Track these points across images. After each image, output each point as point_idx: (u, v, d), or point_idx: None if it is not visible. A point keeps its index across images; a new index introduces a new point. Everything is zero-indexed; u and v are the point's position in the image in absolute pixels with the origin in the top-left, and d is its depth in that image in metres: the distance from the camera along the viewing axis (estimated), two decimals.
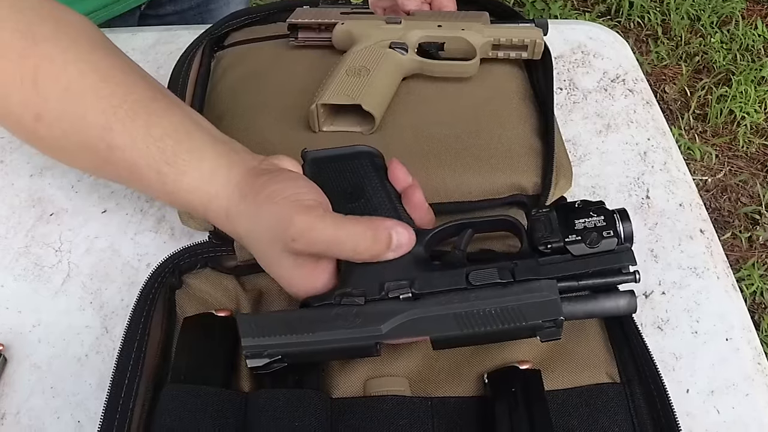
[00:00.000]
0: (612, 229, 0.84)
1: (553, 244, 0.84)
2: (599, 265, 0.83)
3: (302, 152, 0.94)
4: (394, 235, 0.83)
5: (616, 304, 0.83)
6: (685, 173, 1.15)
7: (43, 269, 1.02)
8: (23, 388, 0.91)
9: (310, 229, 0.80)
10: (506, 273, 0.82)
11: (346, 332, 0.80)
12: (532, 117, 1.12)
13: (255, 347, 0.80)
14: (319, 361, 0.87)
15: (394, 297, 0.82)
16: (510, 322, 0.79)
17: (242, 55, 1.24)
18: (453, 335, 0.80)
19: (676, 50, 3.57)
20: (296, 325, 0.80)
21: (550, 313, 0.79)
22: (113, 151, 0.90)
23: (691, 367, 0.93)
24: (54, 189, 1.12)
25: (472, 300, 0.80)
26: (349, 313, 0.81)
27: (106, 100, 0.90)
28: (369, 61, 1.12)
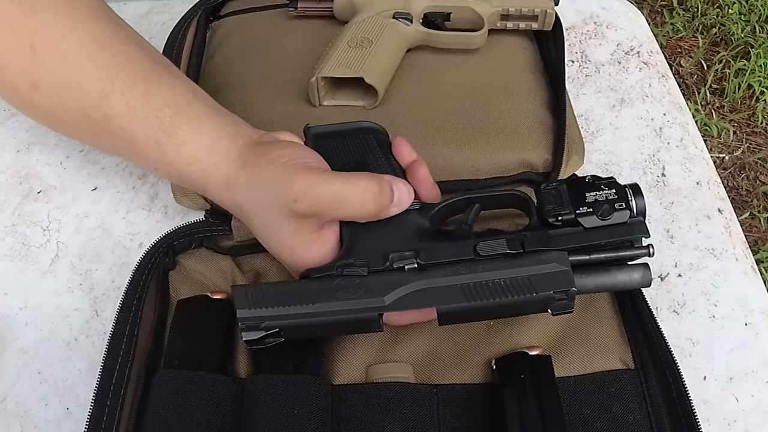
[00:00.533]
0: (624, 202, 0.84)
1: (564, 217, 0.84)
2: (611, 236, 0.83)
3: (305, 128, 0.94)
4: (395, 189, 0.83)
5: (629, 277, 0.83)
6: (703, 150, 1.14)
7: (31, 249, 1.02)
8: (9, 373, 0.91)
9: (313, 185, 0.80)
10: (515, 244, 0.82)
11: (348, 303, 0.78)
12: (542, 91, 1.11)
13: (251, 319, 0.78)
14: (318, 336, 0.87)
15: (399, 268, 0.80)
16: (520, 293, 0.78)
17: (239, 25, 1.24)
18: (460, 307, 0.78)
19: (692, 22, 3.55)
20: (295, 296, 0.79)
21: (562, 284, 0.78)
22: (111, 120, 0.91)
23: (708, 352, 0.93)
24: (42, 165, 1.11)
25: (480, 271, 0.79)
26: (351, 284, 0.79)
27: (104, 69, 0.91)
28: (372, 32, 1.11)
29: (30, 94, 0.94)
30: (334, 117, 1.01)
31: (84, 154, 1.12)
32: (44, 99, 0.94)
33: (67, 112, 0.94)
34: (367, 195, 0.81)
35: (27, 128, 1.15)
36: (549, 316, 0.88)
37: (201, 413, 0.80)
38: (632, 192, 0.85)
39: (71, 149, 1.12)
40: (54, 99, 0.94)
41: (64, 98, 0.93)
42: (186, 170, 0.90)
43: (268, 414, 0.79)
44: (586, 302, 0.92)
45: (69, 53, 0.92)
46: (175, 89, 0.93)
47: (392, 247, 0.82)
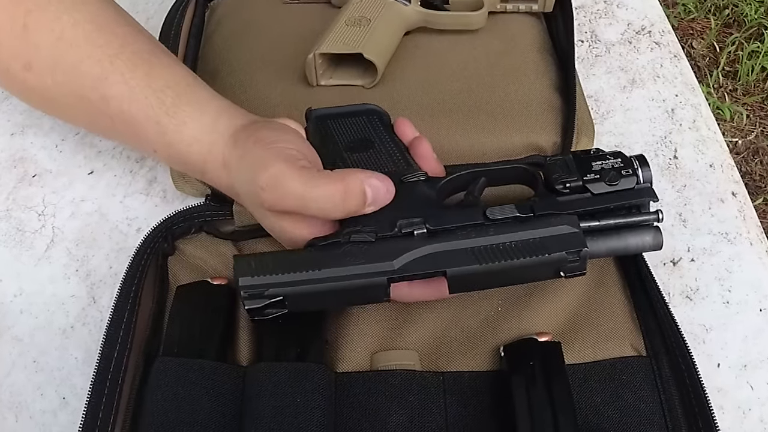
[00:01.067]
0: (630, 169, 0.86)
1: (572, 183, 0.85)
2: (619, 200, 0.85)
3: (306, 111, 0.95)
4: (368, 189, 0.81)
5: (641, 240, 0.85)
6: (716, 132, 1.14)
7: (25, 234, 1.02)
8: (4, 362, 0.91)
9: (280, 178, 0.80)
10: (525, 209, 0.83)
11: (356, 269, 0.77)
12: (550, 71, 1.11)
13: (254, 287, 0.77)
14: (323, 307, 0.87)
15: (408, 233, 0.80)
16: (532, 254, 0.78)
17: (237, 6, 1.24)
18: (471, 269, 0.77)
19: (705, 3, 3.55)
20: (300, 263, 0.78)
21: (574, 245, 0.78)
22: (108, 102, 0.91)
23: (722, 339, 0.93)
24: (36, 149, 1.11)
25: (491, 234, 0.79)
26: (359, 250, 0.79)
27: (102, 49, 0.92)
28: (370, 11, 1.11)
29: (23, 75, 0.94)
30: (335, 98, 1.01)
31: (80, 138, 1.12)
32: (38, 80, 0.94)
33: (61, 94, 0.95)
34: (327, 204, 0.80)
35: (21, 111, 1.15)
36: (559, 301, 0.89)
37: (200, 402, 0.80)
38: (638, 162, 0.87)
39: (67, 132, 1.12)
40: (48, 80, 0.94)
41: (59, 79, 0.93)
42: (186, 151, 0.90)
43: (270, 402, 0.79)
44: (597, 288, 0.92)
45: (64, 33, 0.92)
46: (176, 71, 0.93)
47: (400, 214, 0.82)
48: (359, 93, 1.07)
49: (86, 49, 0.92)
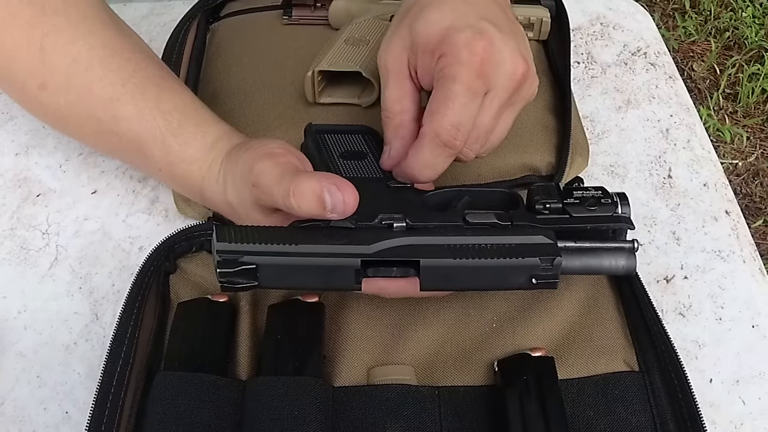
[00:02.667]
0: (610, 199, 0.87)
1: (552, 205, 0.86)
2: (596, 222, 0.86)
3: (306, 126, 0.97)
4: (327, 196, 0.78)
5: (615, 261, 0.85)
6: (710, 151, 1.15)
7: (30, 252, 1.03)
8: (8, 377, 0.92)
9: (263, 172, 0.81)
10: (504, 218, 0.84)
11: (331, 248, 0.77)
12: (545, 92, 1.13)
13: (229, 252, 0.76)
14: (295, 286, 0.86)
15: (388, 225, 0.81)
16: (506, 256, 0.78)
17: (238, 28, 1.26)
18: (445, 263, 0.78)
19: (705, 25, 3.56)
20: (278, 236, 0.78)
21: (548, 253, 0.79)
22: (119, 121, 0.95)
23: (714, 355, 0.94)
24: (41, 168, 1.12)
25: (469, 235, 0.81)
26: (337, 233, 0.79)
27: (115, 73, 0.95)
28: (369, 33, 1.12)
29: (38, 93, 0.97)
30: (333, 118, 1.03)
31: (83, 158, 1.13)
32: (51, 99, 0.97)
33: (73, 113, 0.98)
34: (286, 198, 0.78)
35: (26, 131, 1.16)
36: (553, 317, 0.90)
37: (201, 415, 0.81)
38: (619, 198, 0.88)
39: (70, 152, 1.14)
40: (61, 99, 0.97)
41: (72, 99, 0.97)
42: (187, 170, 0.93)
43: (268, 415, 0.80)
44: (590, 304, 0.93)
45: (79, 57, 0.95)
46: (183, 96, 0.97)
47: (382, 210, 0.82)
48: (357, 112, 1.08)
49: (100, 72, 0.95)
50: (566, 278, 0.94)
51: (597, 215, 0.86)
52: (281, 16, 1.25)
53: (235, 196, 0.88)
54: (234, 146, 0.91)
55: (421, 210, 0.86)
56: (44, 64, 0.96)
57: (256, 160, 0.83)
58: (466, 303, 0.93)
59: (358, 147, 0.95)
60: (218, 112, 0.99)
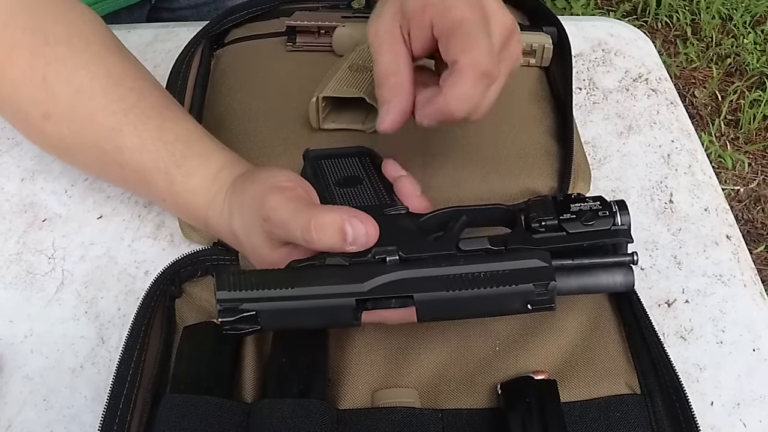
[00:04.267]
0: (608, 211, 0.86)
1: (547, 222, 0.86)
2: (593, 239, 0.85)
3: (304, 151, 0.98)
4: (348, 228, 0.80)
5: (612, 278, 0.85)
6: (711, 176, 1.17)
7: (36, 277, 1.04)
8: (15, 400, 0.93)
9: (276, 208, 0.82)
10: (498, 242, 0.84)
11: (326, 288, 0.79)
12: (547, 118, 1.14)
13: (229, 300, 0.78)
14: (296, 327, 0.87)
15: (381, 259, 0.81)
16: (499, 284, 0.78)
17: (242, 54, 1.27)
18: (439, 296, 0.78)
19: (707, 52, 3.58)
20: (275, 281, 0.79)
21: (542, 277, 0.79)
22: (122, 152, 0.96)
23: (715, 378, 0.94)
24: (46, 194, 1.13)
25: (462, 264, 0.80)
26: (333, 272, 0.80)
27: (117, 103, 0.96)
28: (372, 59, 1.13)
29: (41, 123, 0.98)
30: (336, 144, 1.04)
31: (89, 183, 1.14)
32: (55, 128, 0.98)
33: (76, 143, 0.99)
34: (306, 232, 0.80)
35: (31, 156, 1.17)
36: (555, 341, 0.91)
37: None
38: (617, 206, 0.87)
39: (76, 178, 1.15)
40: (65, 129, 0.98)
41: (75, 129, 0.98)
42: (192, 201, 0.94)
43: None
44: (592, 327, 0.94)
45: (82, 86, 0.96)
46: (185, 125, 0.98)
47: (378, 243, 0.82)
48: (360, 138, 1.08)
49: (102, 101, 0.96)
50: (568, 301, 0.94)
51: (594, 230, 0.85)
52: (285, 42, 1.26)
53: (241, 227, 0.89)
54: (238, 176, 0.92)
55: (416, 237, 0.86)
56: (47, 94, 0.97)
57: (266, 194, 0.83)
58: (469, 326, 0.94)
59: (354, 171, 0.96)
60: (223, 137, 1.00)
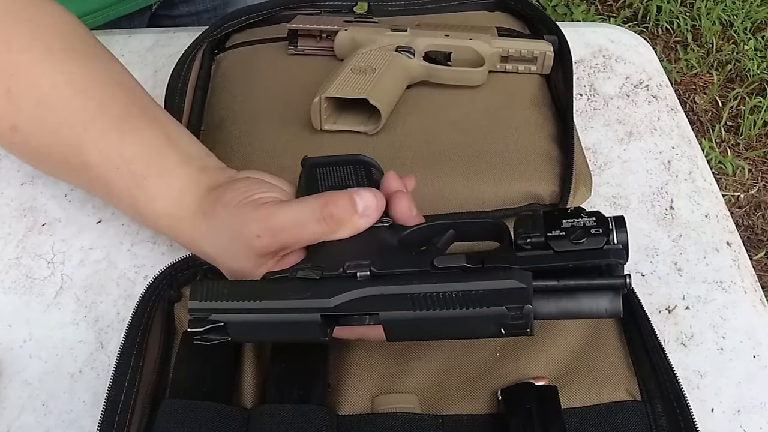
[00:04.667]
0: (602, 228, 0.80)
1: (533, 239, 0.81)
2: (581, 259, 0.79)
3: (302, 159, 0.97)
4: (357, 198, 0.83)
5: (596, 304, 0.78)
6: (712, 183, 1.17)
7: (35, 281, 1.04)
8: (14, 405, 0.93)
9: (268, 217, 0.82)
10: (475, 260, 0.80)
11: (293, 303, 0.78)
12: (548, 124, 1.14)
13: (199, 311, 0.79)
14: (265, 339, 0.88)
15: (351, 275, 0.80)
16: (470, 306, 0.75)
17: (243, 58, 1.27)
18: (406, 316, 0.76)
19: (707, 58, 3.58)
20: (245, 292, 0.79)
21: (516, 300, 0.74)
22: (88, 168, 0.95)
23: (716, 385, 0.94)
24: (46, 198, 1.13)
25: (433, 282, 0.77)
26: (302, 285, 0.80)
27: (78, 115, 0.95)
28: (375, 62, 1.14)
29: (10, 135, 0.98)
30: (338, 146, 1.04)
31: None
32: (24, 141, 0.98)
33: (46, 156, 0.99)
34: (324, 212, 0.82)
35: None
36: (556, 347, 0.90)
37: None
38: (614, 222, 0.81)
39: None
40: (33, 142, 0.98)
41: (44, 142, 0.97)
42: (158, 223, 0.95)
43: None
44: (593, 333, 0.94)
45: (43, 98, 0.95)
46: (148, 136, 0.96)
47: (351, 255, 0.82)
48: (362, 140, 1.09)
49: (64, 114, 0.95)
50: None
51: (583, 249, 0.79)
52: (287, 46, 1.26)
53: (217, 252, 0.89)
54: (203, 197, 0.91)
55: (393, 252, 0.85)
56: (13, 107, 0.96)
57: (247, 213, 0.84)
58: None
59: (346, 182, 0.94)
60: (223, 139, 1.00)
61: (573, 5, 3.80)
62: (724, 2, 3.80)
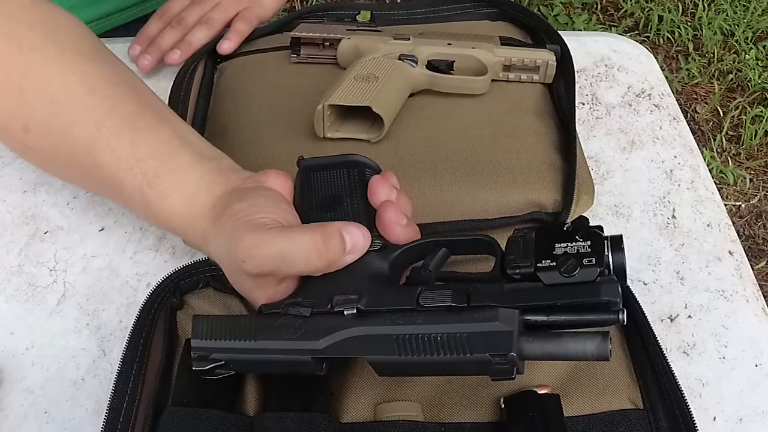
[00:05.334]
0: (596, 257, 0.76)
1: (522, 270, 0.79)
2: (572, 297, 0.76)
3: (297, 160, 0.97)
4: (346, 236, 0.83)
5: (582, 347, 0.74)
6: (714, 192, 1.17)
7: (37, 289, 1.04)
8: (16, 413, 0.93)
9: (256, 245, 0.82)
10: (461, 297, 0.78)
11: (285, 344, 0.80)
12: (551, 132, 1.14)
13: (201, 349, 0.81)
14: (268, 372, 0.88)
15: (339, 312, 0.80)
16: (453, 352, 0.75)
17: (245, 67, 1.28)
18: (391, 360, 0.77)
19: (708, 67, 3.58)
20: (242, 331, 0.81)
21: (500, 347, 0.73)
22: (99, 168, 0.94)
23: (718, 393, 0.95)
24: (48, 206, 1.14)
25: (418, 323, 0.76)
26: (293, 324, 0.80)
27: (91, 114, 0.94)
28: (378, 70, 1.15)
29: (22, 136, 0.98)
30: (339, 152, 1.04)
31: (91, 195, 1.14)
32: (36, 141, 0.98)
33: (58, 156, 0.98)
34: (311, 251, 0.82)
35: (34, 169, 1.17)
36: None
37: None
38: (611, 244, 0.78)
39: (78, 190, 1.15)
40: (45, 142, 0.97)
41: (55, 142, 0.97)
42: (170, 222, 0.94)
43: None
44: None
45: (56, 97, 0.95)
46: (160, 135, 0.96)
47: (342, 288, 0.82)
48: (365, 148, 1.09)
49: (77, 113, 0.95)
50: None
51: (574, 282, 0.76)
52: (289, 55, 1.27)
53: (222, 257, 0.89)
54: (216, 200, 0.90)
55: (381, 284, 0.85)
56: (25, 106, 0.96)
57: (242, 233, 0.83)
58: None
59: (338, 189, 0.93)
60: (226, 147, 1.00)
61: (574, 14, 3.80)
62: (726, 12, 3.80)
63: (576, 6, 3.87)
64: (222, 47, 1.28)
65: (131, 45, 1.33)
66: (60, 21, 1.00)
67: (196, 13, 1.35)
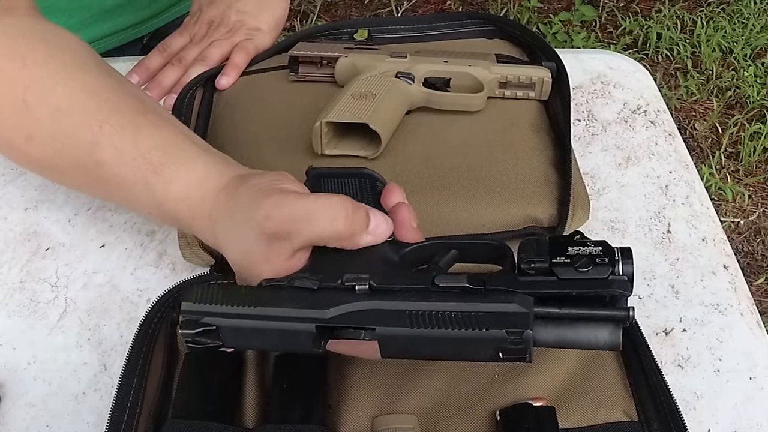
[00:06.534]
0: (608, 258, 0.79)
1: (537, 264, 0.79)
2: (585, 288, 0.77)
3: (307, 169, 0.97)
4: (372, 216, 0.85)
5: (595, 335, 0.76)
6: (709, 207, 1.18)
7: (39, 305, 1.05)
8: (18, 427, 0.94)
9: (282, 202, 0.83)
10: (477, 281, 0.78)
11: (288, 311, 0.78)
12: (547, 148, 1.16)
13: (192, 312, 0.79)
14: (257, 347, 0.88)
15: (350, 287, 0.79)
16: (468, 327, 0.74)
17: (244, 86, 1.29)
18: (402, 332, 0.75)
19: (707, 84, 3.59)
20: (240, 298, 0.79)
21: (516, 325, 0.74)
22: (102, 167, 0.95)
23: (712, 406, 0.95)
24: (50, 223, 1.15)
25: (433, 300, 0.76)
26: (299, 295, 0.79)
27: (93, 115, 0.95)
28: (375, 87, 1.16)
29: (25, 146, 0.99)
30: None
31: (92, 212, 1.15)
32: (39, 150, 0.98)
33: (61, 162, 0.99)
34: (339, 212, 0.82)
35: (35, 186, 1.19)
36: (554, 368, 0.91)
37: None
38: (621, 254, 0.80)
39: (79, 207, 1.16)
40: (48, 150, 0.98)
41: (58, 147, 0.97)
42: (175, 208, 0.93)
43: None
44: (590, 355, 0.94)
45: (60, 104, 0.96)
46: (164, 132, 0.97)
47: (352, 267, 0.81)
48: (362, 164, 1.09)
49: (79, 116, 0.96)
50: None
51: (587, 278, 0.78)
52: (288, 74, 1.28)
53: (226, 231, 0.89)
54: (229, 181, 0.91)
55: (393, 269, 0.85)
56: (29, 117, 0.97)
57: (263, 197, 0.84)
58: None
59: (350, 194, 0.93)
60: None
61: (573, 32, 3.82)
62: (724, 29, 3.81)
63: (575, 24, 3.89)
64: (220, 83, 1.29)
65: (129, 73, 1.34)
66: (63, 39, 1.02)
67: (195, 52, 1.37)
